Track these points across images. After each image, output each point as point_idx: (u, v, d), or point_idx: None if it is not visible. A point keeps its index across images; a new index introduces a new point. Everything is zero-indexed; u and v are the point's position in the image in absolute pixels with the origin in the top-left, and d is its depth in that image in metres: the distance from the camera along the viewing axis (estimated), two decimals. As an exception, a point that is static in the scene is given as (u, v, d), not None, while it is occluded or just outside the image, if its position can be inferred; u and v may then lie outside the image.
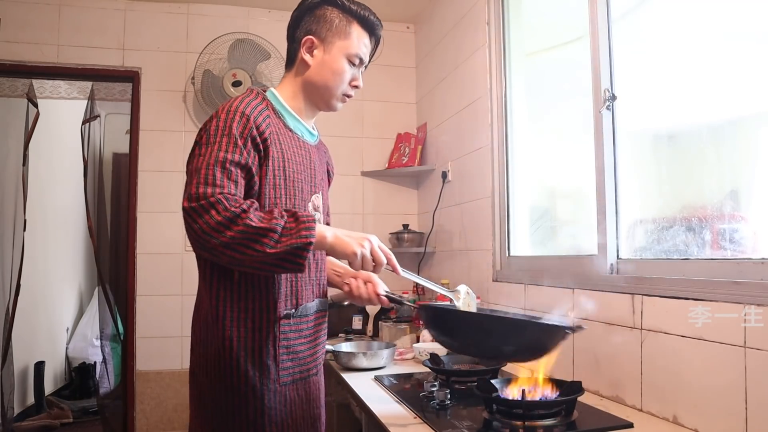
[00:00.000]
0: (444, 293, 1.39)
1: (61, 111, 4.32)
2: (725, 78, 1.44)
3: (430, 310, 1.37)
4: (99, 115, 3.76)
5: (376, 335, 2.71)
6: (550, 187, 2.31)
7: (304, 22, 1.34)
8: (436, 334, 1.40)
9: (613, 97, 1.67)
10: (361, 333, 2.76)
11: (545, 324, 1.32)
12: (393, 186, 3.45)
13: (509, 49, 2.40)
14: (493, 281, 2.36)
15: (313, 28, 1.33)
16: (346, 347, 2.19)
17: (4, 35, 2.94)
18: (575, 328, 1.26)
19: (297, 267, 1.12)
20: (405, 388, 1.74)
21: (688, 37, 1.57)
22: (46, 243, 4.33)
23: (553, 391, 1.40)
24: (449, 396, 1.52)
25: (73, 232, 4.93)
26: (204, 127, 1.22)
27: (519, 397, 1.34)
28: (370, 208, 3.41)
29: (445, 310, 1.39)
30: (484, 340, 1.28)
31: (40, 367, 4.04)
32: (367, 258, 1.20)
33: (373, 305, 1.44)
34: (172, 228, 3.04)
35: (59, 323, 4.69)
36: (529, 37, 2.39)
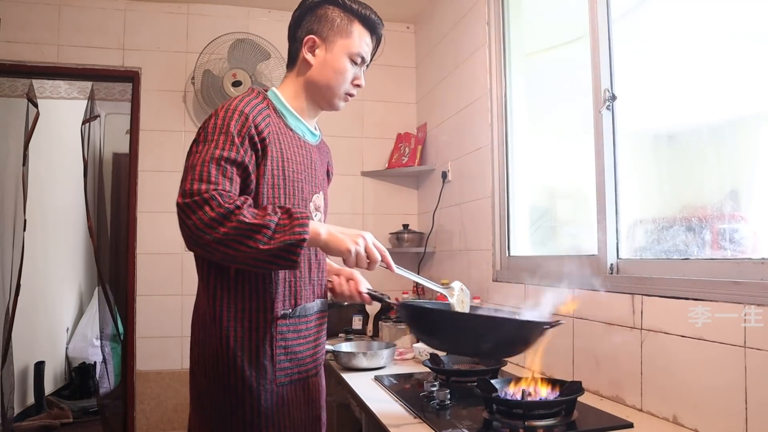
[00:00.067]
0: (437, 290, 1.39)
1: (61, 111, 4.32)
2: (725, 78, 1.44)
3: (409, 308, 1.37)
4: (99, 115, 3.75)
5: (376, 335, 2.71)
6: (550, 187, 2.31)
7: (305, 22, 1.34)
8: (416, 331, 1.40)
9: (613, 97, 1.67)
10: (361, 333, 2.76)
11: (522, 321, 1.33)
12: (393, 186, 3.45)
13: (509, 49, 2.40)
14: (493, 281, 2.36)
15: (315, 28, 1.33)
16: (346, 347, 2.19)
17: (4, 35, 2.94)
18: (553, 323, 1.26)
19: (291, 264, 1.11)
20: (405, 388, 1.74)
21: (687, 37, 1.57)
22: (46, 243, 4.33)
23: (553, 391, 1.40)
24: (449, 396, 1.52)
25: (73, 232, 4.93)
26: (203, 125, 1.22)
27: (519, 397, 1.34)
28: (370, 208, 3.41)
29: (422, 309, 1.39)
30: (462, 338, 1.29)
31: (40, 367, 4.04)
32: (362, 255, 1.19)
33: (355, 302, 1.44)
34: (172, 228, 2.99)
35: (59, 323, 4.68)
36: (529, 37, 2.39)
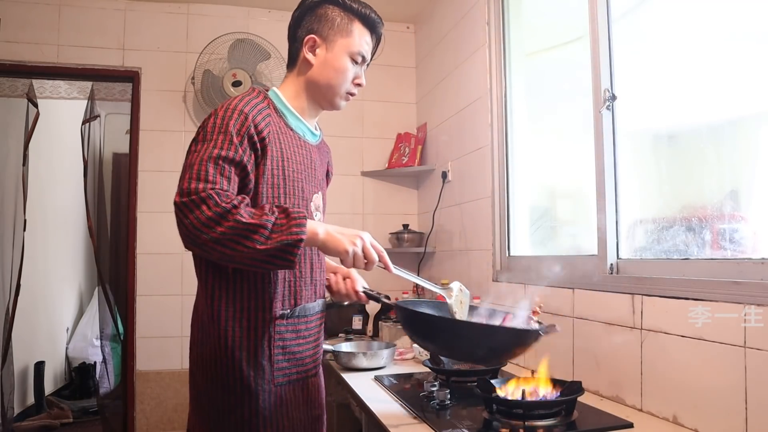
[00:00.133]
0: (436, 291, 1.39)
1: (61, 111, 4.32)
2: (725, 78, 1.44)
3: (405, 311, 1.37)
4: (99, 115, 3.75)
5: (376, 335, 2.71)
6: (550, 187, 2.31)
7: (305, 22, 1.34)
8: (411, 334, 1.40)
9: (613, 97, 1.67)
10: (361, 333, 2.76)
11: (517, 329, 1.33)
12: (393, 186, 3.45)
13: (509, 49, 2.40)
14: (493, 281, 2.36)
15: (315, 27, 1.33)
16: (346, 347, 2.19)
17: (4, 35, 2.94)
18: (548, 329, 1.26)
19: (288, 264, 1.11)
20: (405, 388, 1.74)
21: (687, 37, 1.57)
22: (46, 243, 4.33)
23: (553, 391, 1.40)
24: (449, 396, 1.52)
25: (73, 232, 4.93)
26: (202, 124, 1.22)
27: (519, 397, 1.34)
28: (370, 208, 3.41)
29: (417, 314, 1.38)
30: (457, 345, 1.29)
31: (40, 367, 4.04)
32: (359, 256, 1.18)
33: (352, 301, 1.44)
34: (172, 228, 2.97)
35: (59, 323, 4.68)
36: (529, 37, 2.39)
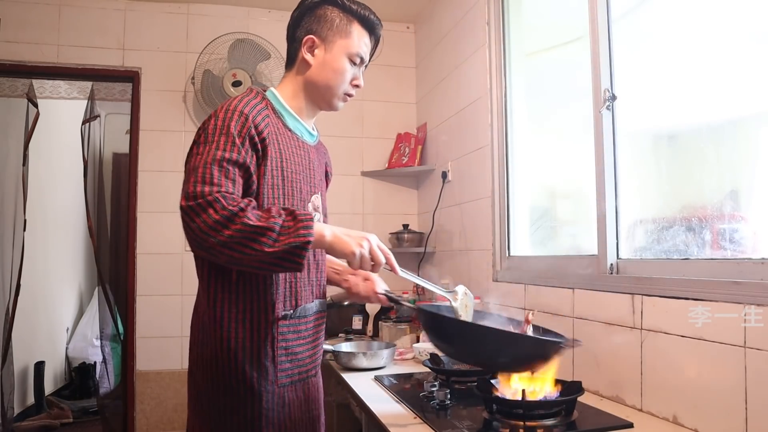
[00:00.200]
0: (441, 294, 1.39)
1: (61, 111, 4.32)
2: (725, 78, 1.44)
3: (428, 314, 1.37)
4: (99, 115, 3.75)
5: (376, 335, 2.71)
6: (550, 187, 2.31)
7: (304, 22, 1.34)
8: (432, 337, 1.40)
9: (613, 97, 1.67)
10: (361, 333, 2.76)
11: (541, 339, 1.32)
12: (393, 186, 3.45)
13: (509, 49, 2.40)
14: (493, 281, 2.36)
15: (314, 28, 1.33)
16: (346, 347, 2.19)
17: (4, 35, 2.94)
18: (572, 342, 1.26)
19: (296, 266, 1.11)
20: (405, 388, 1.74)
21: (687, 37, 1.57)
22: (46, 243, 4.33)
23: (553, 391, 1.40)
24: (449, 396, 1.52)
25: (73, 232, 4.93)
26: (202, 126, 1.22)
27: (519, 397, 1.34)
28: (370, 208, 3.41)
29: (442, 318, 1.38)
30: (479, 350, 1.28)
31: (40, 367, 4.04)
32: (366, 258, 1.18)
33: (371, 303, 1.44)
34: (172, 228, 3.04)
35: (59, 323, 4.69)
36: (529, 37, 2.39)
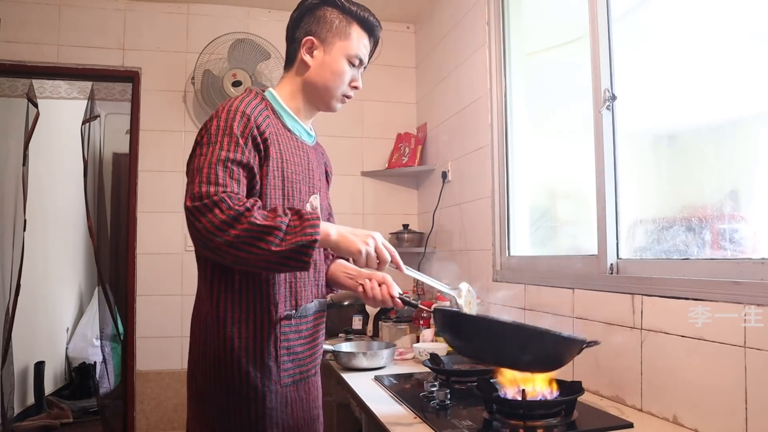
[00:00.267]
0: (446, 291, 1.39)
1: (61, 111, 4.32)
2: (725, 78, 1.44)
3: (446, 314, 1.37)
4: (99, 115, 3.75)
5: (376, 335, 2.71)
6: (550, 187, 2.31)
7: (303, 23, 1.34)
8: (450, 338, 1.39)
9: (613, 97, 1.67)
10: (361, 333, 2.76)
11: (566, 336, 1.31)
12: (393, 186, 3.45)
13: (509, 49, 2.40)
14: (493, 281, 2.36)
15: (313, 29, 1.33)
16: (346, 347, 2.19)
17: (4, 35, 2.94)
18: (591, 342, 1.28)
19: (302, 265, 1.11)
20: (405, 388, 1.74)
21: (687, 37, 1.57)
22: (46, 243, 4.33)
23: (553, 391, 1.40)
24: (449, 396, 1.52)
25: (73, 232, 4.93)
26: (204, 126, 1.22)
27: (519, 397, 1.34)
28: (370, 208, 3.41)
29: (461, 316, 1.38)
30: (500, 348, 1.28)
31: (40, 367, 4.04)
32: (372, 256, 1.20)
33: (387, 307, 1.44)
34: (172, 228, 3.05)
35: (59, 323, 4.68)
36: (529, 37, 2.39)
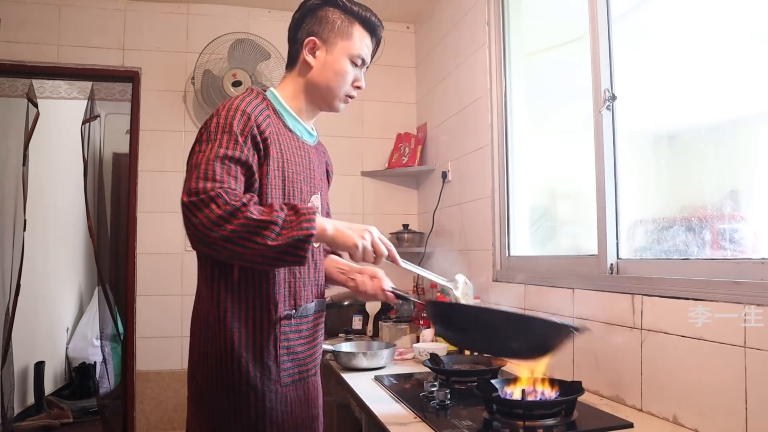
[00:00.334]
0: (442, 283, 1.40)
1: (61, 111, 4.32)
2: (725, 78, 1.44)
3: (438, 305, 1.38)
4: (99, 115, 3.75)
5: (376, 335, 2.71)
6: (550, 187, 2.31)
7: (305, 24, 1.35)
8: (442, 329, 1.41)
9: (613, 97, 1.67)
10: (361, 333, 2.76)
11: (553, 321, 1.33)
12: (393, 186, 3.45)
13: (509, 49, 2.40)
14: (493, 281, 2.36)
15: (315, 30, 1.33)
16: (346, 347, 2.19)
17: (4, 35, 2.94)
18: (581, 328, 1.27)
19: (298, 260, 1.11)
20: (405, 388, 1.74)
21: (687, 37, 1.57)
22: (46, 243, 4.33)
23: (553, 391, 1.40)
24: (449, 396, 1.52)
25: (73, 232, 4.93)
26: (205, 124, 1.22)
27: (519, 397, 1.34)
28: (370, 208, 3.41)
29: (452, 306, 1.40)
30: (490, 336, 1.29)
31: (40, 367, 4.04)
32: (368, 250, 1.20)
33: (379, 300, 1.45)
34: (172, 228, 3.05)
35: (59, 323, 4.68)
36: (529, 37, 2.39)
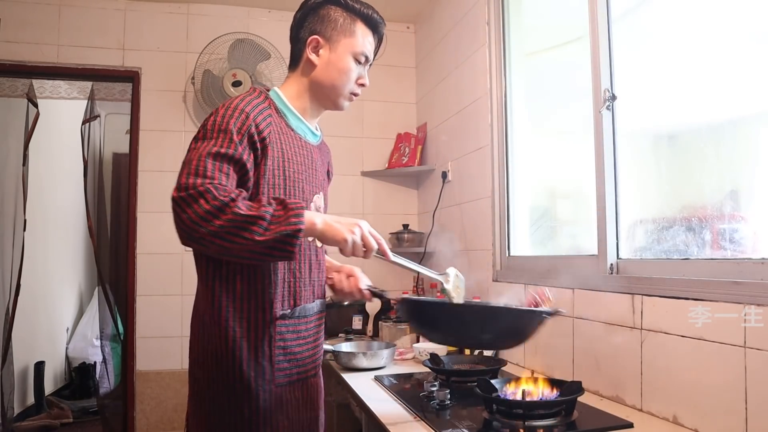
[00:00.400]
0: (433, 276, 1.39)
1: (61, 111, 4.32)
2: (725, 78, 1.44)
3: (410, 303, 1.38)
4: (99, 115, 3.75)
5: (376, 335, 2.71)
6: (550, 187, 2.31)
7: (308, 23, 1.34)
8: (416, 326, 1.41)
9: (613, 97, 1.67)
10: (361, 333, 2.76)
11: (521, 310, 1.33)
12: (393, 186, 3.45)
13: (509, 49, 2.40)
14: (493, 281, 2.36)
15: (318, 28, 1.33)
16: (346, 347, 2.19)
17: (4, 35, 2.94)
18: (553, 312, 1.26)
19: (287, 255, 1.11)
20: (405, 388, 1.74)
21: (687, 37, 1.57)
22: (46, 243, 4.33)
23: (553, 391, 1.40)
24: (449, 396, 1.52)
25: (73, 232, 4.93)
26: (203, 123, 1.23)
27: (519, 397, 1.34)
28: (370, 208, 3.41)
29: (422, 302, 1.40)
30: (462, 330, 1.29)
31: (40, 367, 4.04)
32: (358, 244, 1.18)
33: (355, 299, 1.45)
34: (172, 228, 3.00)
35: (59, 323, 4.68)
36: (529, 37, 2.39)
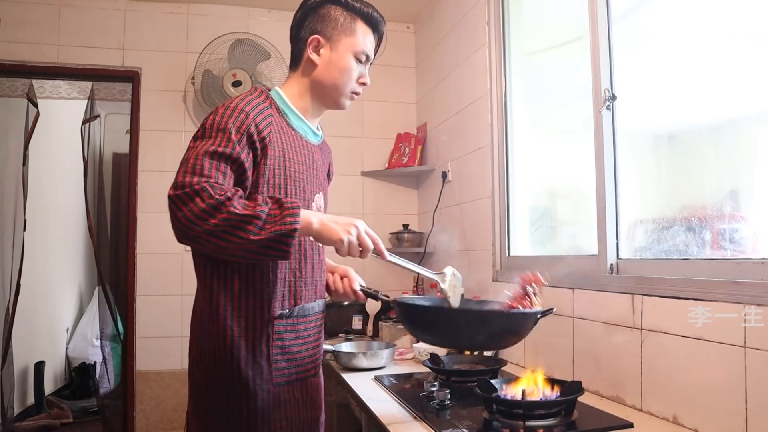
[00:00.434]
0: (430, 276, 1.39)
1: (61, 111, 4.32)
2: (725, 78, 1.44)
3: (403, 305, 1.39)
4: (99, 115, 3.75)
5: (376, 335, 2.71)
6: (550, 187, 2.31)
7: (308, 22, 1.35)
8: (410, 327, 1.42)
9: (613, 97, 1.67)
10: (361, 333, 2.76)
11: (514, 313, 1.34)
12: (393, 186, 3.45)
13: (509, 49, 2.40)
14: (493, 281, 2.36)
15: (319, 28, 1.33)
16: (346, 347, 2.19)
17: (4, 35, 2.94)
18: (545, 312, 1.27)
19: (282, 254, 1.10)
20: (405, 388, 1.74)
21: (688, 37, 1.57)
22: (46, 243, 4.33)
23: (553, 391, 1.40)
24: (449, 396, 1.52)
25: (73, 232, 4.93)
26: (203, 122, 1.22)
27: (519, 397, 1.34)
28: (370, 208, 3.41)
29: (416, 306, 1.41)
30: (455, 333, 1.31)
31: (40, 367, 4.04)
32: (354, 244, 1.17)
33: (349, 300, 1.46)
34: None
35: (59, 323, 4.68)
36: (529, 37, 2.39)
